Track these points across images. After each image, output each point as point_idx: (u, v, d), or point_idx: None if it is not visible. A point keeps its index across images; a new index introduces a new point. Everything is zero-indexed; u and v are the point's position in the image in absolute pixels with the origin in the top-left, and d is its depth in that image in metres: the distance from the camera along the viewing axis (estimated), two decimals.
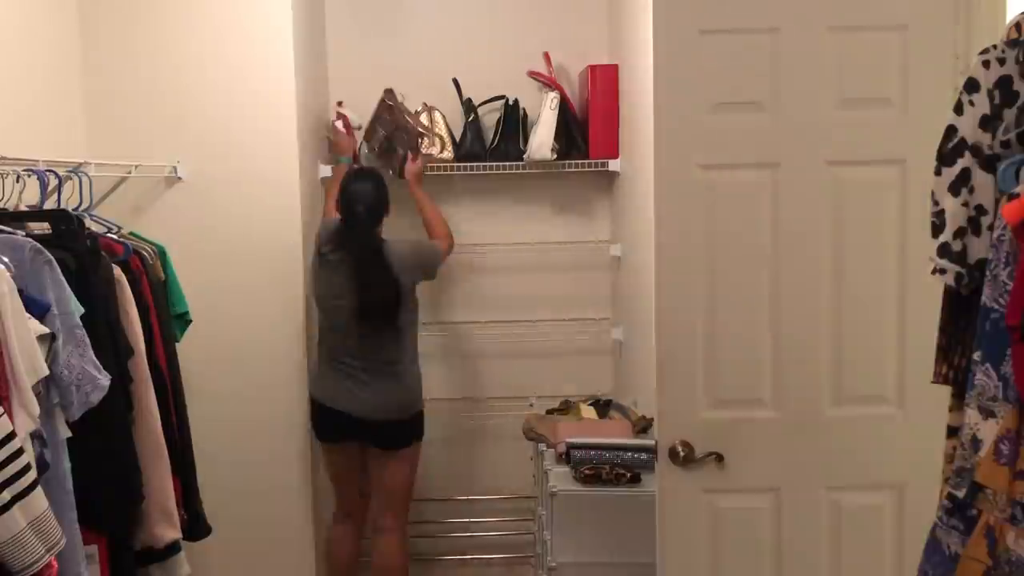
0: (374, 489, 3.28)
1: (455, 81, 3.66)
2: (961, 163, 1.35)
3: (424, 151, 3.46)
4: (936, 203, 1.39)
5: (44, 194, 2.29)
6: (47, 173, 2.30)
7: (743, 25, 2.02)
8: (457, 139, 3.63)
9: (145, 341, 2.41)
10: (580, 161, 3.59)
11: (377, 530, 3.30)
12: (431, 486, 3.83)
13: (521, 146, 3.61)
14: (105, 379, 2.00)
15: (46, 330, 1.86)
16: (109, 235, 2.55)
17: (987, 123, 1.32)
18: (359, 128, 3.58)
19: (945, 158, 1.38)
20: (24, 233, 2.01)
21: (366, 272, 3.06)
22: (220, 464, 3.10)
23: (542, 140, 3.51)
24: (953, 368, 1.40)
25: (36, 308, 1.85)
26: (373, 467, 3.23)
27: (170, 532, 2.41)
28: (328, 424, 3.19)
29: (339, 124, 3.54)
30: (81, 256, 2.12)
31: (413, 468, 3.26)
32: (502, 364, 3.86)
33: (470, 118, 3.62)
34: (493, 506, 3.88)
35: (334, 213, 3.21)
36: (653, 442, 2.18)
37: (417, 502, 3.80)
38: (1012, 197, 1.22)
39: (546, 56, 3.62)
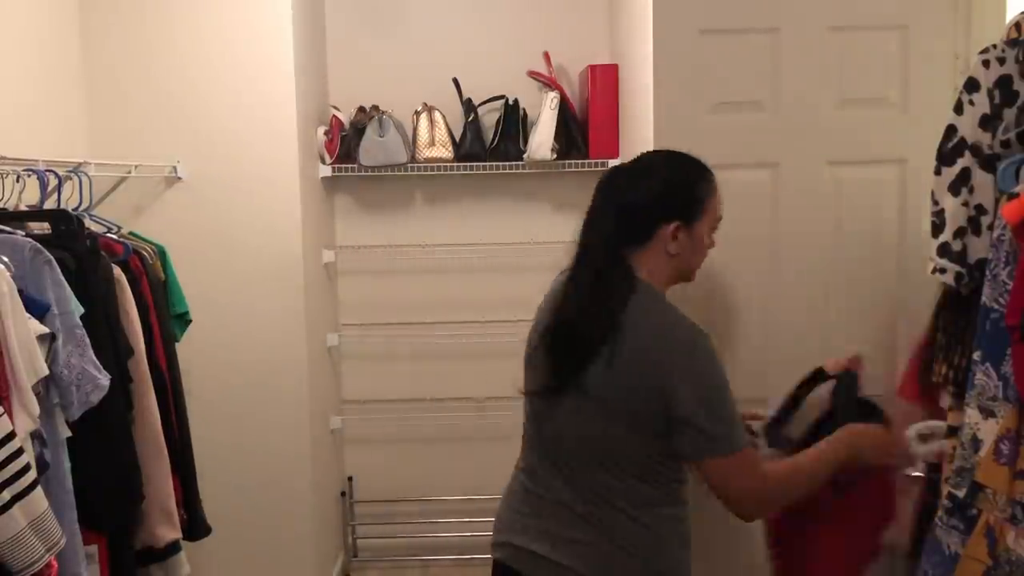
0: None
1: (455, 81, 3.66)
2: (961, 163, 1.35)
3: None
4: (936, 203, 1.39)
5: (44, 194, 2.29)
6: (47, 173, 2.29)
7: (743, 25, 2.02)
8: (457, 139, 3.63)
9: (145, 341, 2.41)
10: (580, 161, 3.59)
11: None
12: (430, 485, 3.83)
13: (521, 146, 3.61)
14: (105, 379, 2.00)
15: (46, 330, 1.86)
16: (109, 235, 2.55)
17: (987, 123, 1.32)
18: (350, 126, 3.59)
19: (945, 158, 1.38)
20: (24, 233, 2.01)
21: (570, 292, 1.75)
22: (220, 464, 3.10)
23: (542, 140, 3.51)
24: (953, 368, 1.40)
25: (36, 308, 1.85)
26: None
27: (170, 532, 2.41)
28: None
29: (322, 133, 3.54)
30: (81, 256, 2.12)
31: None
32: (502, 364, 3.84)
33: (470, 118, 3.61)
34: (493, 506, 3.87)
35: None
36: None
37: (418, 502, 3.81)
38: (1012, 197, 1.22)
39: (546, 56, 3.62)
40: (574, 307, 1.70)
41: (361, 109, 3.62)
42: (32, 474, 1.70)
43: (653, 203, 1.71)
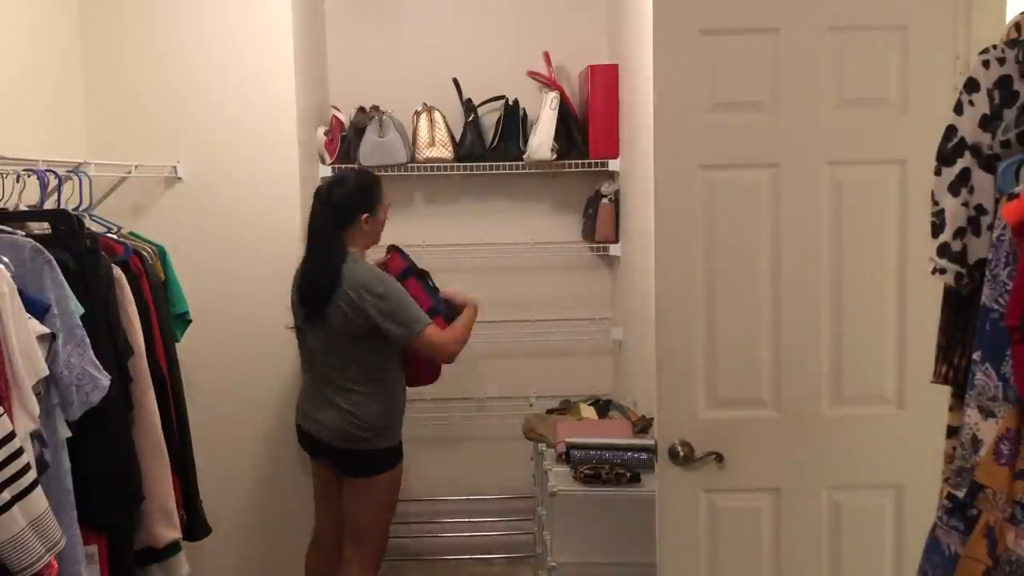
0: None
1: (455, 81, 3.66)
2: (961, 163, 1.35)
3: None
4: (936, 203, 1.39)
5: (44, 194, 2.29)
6: (47, 173, 2.30)
7: (743, 25, 2.02)
8: (457, 139, 3.63)
9: (145, 341, 2.41)
10: (580, 161, 3.59)
11: (340, 559, 2.99)
12: (431, 486, 3.83)
13: (521, 146, 3.61)
14: (105, 379, 2.00)
15: (46, 330, 1.86)
16: (109, 235, 2.55)
17: (987, 123, 1.32)
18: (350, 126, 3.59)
19: (945, 158, 1.37)
20: (24, 233, 2.01)
21: (308, 264, 2.85)
22: (220, 464, 3.10)
23: (542, 140, 3.52)
24: (953, 368, 1.40)
25: (36, 308, 1.86)
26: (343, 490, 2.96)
27: (170, 532, 2.41)
28: (301, 440, 3.00)
29: (322, 133, 3.54)
30: (81, 256, 2.12)
31: (378, 503, 2.92)
32: (502, 364, 3.86)
33: (470, 118, 3.62)
34: (493, 506, 3.88)
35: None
36: (653, 442, 2.18)
37: (417, 502, 3.80)
38: (1012, 197, 1.22)
39: (546, 56, 3.62)
40: (315, 274, 2.82)
41: (361, 109, 3.62)
42: (32, 474, 1.70)
43: (352, 202, 2.83)
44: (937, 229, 1.38)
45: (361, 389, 2.83)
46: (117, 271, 2.35)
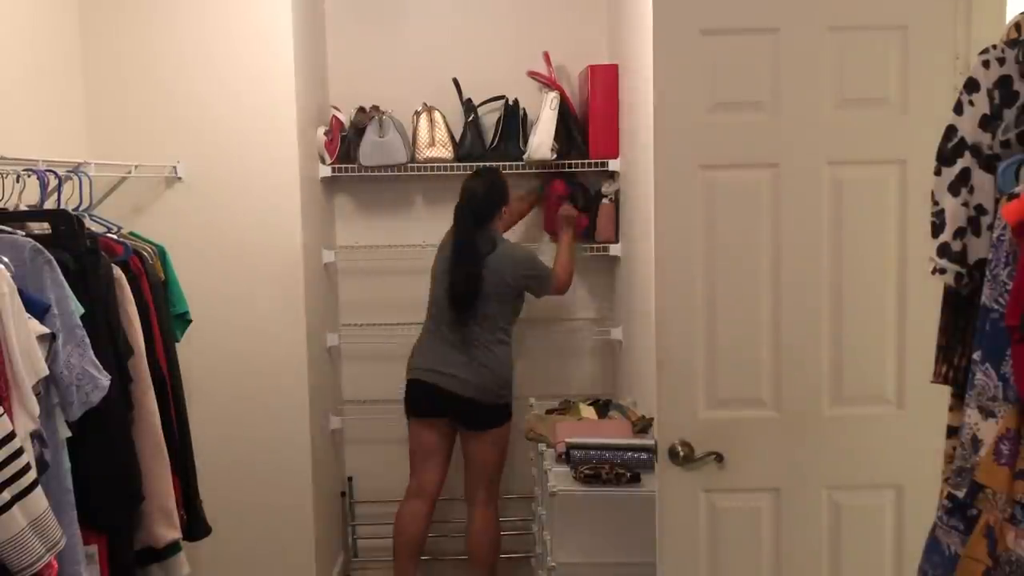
0: (465, 463, 3.50)
1: (455, 81, 3.66)
2: (961, 163, 1.35)
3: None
4: (936, 203, 1.39)
5: (44, 194, 2.29)
6: (47, 173, 2.30)
7: (743, 25, 2.02)
8: (457, 139, 3.63)
9: (145, 341, 2.41)
10: (580, 161, 3.59)
11: (470, 502, 3.51)
12: None
13: (521, 146, 3.61)
14: (105, 379, 2.00)
15: (46, 330, 1.86)
16: (109, 235, 2.54)
17: (987, 123, 1.32)
18: (350, 126, 3.59)
19: (945, 158, 1.37)
20: (24, 233, 2.01)
21: (457, 261, 3.34)
22: (220, 464, 3.10)
23: (542, 140, 3.52)
24: (953, 368, 1.40)
25: (36, 308, 1.86)
26: (462, 442, 3.47)
27: (170, 532, 2.41)
28: (413, 397, 3.41)
29: (322, 133, 3.55)
30: (81, 256, 2.12)
31: (502, 448, 3.45)
32: None
33: (470, 118, 3.62)
34: None
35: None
36: (653, 442, 2.18)
37: None
38: (1012, 197, 1.22)
39: (546, 56, 3.62)
40: (472, 257, 3.35)
41: (361, 109, 3.62)
42: (32, 474, 1.70)
43: (492, 203, 3.39)
44: (937, 229, 1.38)
45: (495, 350, 3.35)
46: (117, 271, 2.35)
